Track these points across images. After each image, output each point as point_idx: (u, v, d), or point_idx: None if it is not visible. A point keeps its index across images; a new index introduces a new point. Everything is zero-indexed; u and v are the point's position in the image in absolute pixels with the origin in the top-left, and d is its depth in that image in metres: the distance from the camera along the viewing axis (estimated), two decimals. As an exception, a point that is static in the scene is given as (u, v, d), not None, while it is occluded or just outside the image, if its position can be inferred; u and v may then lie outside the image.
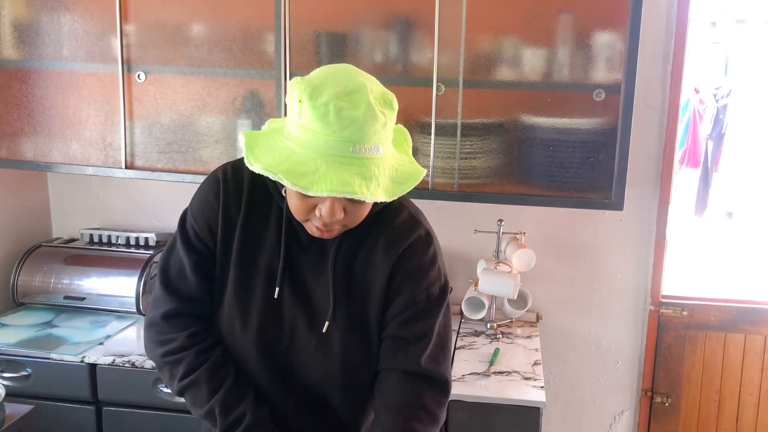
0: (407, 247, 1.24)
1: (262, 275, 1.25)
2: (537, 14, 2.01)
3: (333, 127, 1.04)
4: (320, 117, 1.04)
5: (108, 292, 2.42)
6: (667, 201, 2.41)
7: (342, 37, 2.10)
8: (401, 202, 1.28)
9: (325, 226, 1.15)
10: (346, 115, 1.04)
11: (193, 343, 1.25)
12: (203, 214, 1.26)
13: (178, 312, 1.27)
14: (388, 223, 1.25)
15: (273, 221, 1.25)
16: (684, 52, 2.31)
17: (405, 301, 1.25)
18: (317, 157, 1.05)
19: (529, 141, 2.09)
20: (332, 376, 1.27)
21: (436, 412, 1.25)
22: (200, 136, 2.24)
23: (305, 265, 1.25)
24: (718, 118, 6.23)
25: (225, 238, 1.25)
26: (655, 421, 2.55)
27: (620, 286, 2.50)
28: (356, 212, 1.15)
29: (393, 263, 1.24)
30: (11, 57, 2.31)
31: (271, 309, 1.25)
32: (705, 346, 2.51)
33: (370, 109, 1.06)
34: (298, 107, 1.07)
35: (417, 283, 1.25)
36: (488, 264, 2.37)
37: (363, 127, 1.05)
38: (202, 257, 1.26)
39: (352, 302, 1.25)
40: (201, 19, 2.17)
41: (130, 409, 2.13)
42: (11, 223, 2.60)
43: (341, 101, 1.05)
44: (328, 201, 1.10)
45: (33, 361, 2.13)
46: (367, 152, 1.06)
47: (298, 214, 1.16)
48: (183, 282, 1.26)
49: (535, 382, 2.03)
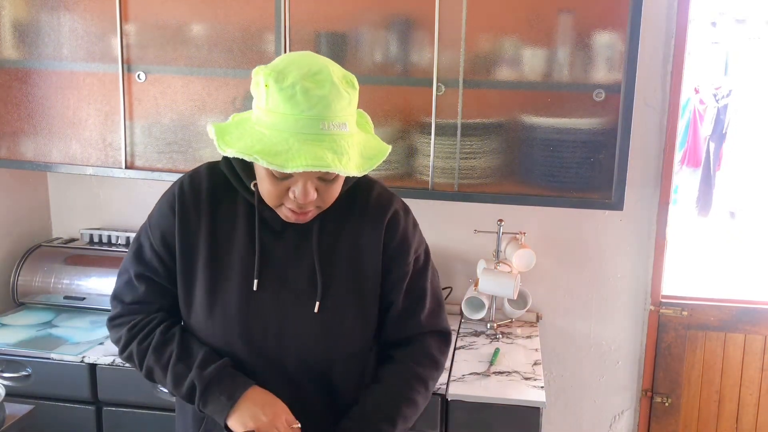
0: (391, 218, 1.30)
1: (236, 271, 1.27)
2: (537, 14, 2.01)
3: (301, 106, 1.09)
4: (288, 98, 1.09)
5: (108, 292, 2.39)
6: (667, 201, 2.41)
7: (342, 37, 2.10)
8: (369, 179, 1.34)
9: (299, 207, 1.18)
10: (312, 94, 1.09)
11: (134, 335, 1.31)
12: (159, 227, 1.31)
13: (120, 314, 1.34)
14: (366, 199, 1.31)
15: (241, 217, 1.28)
16: (684, 52, 2.31)
17: (399, 271, 1.31)
18: (289, 137, 1.09)
19: (529, 141, 2.09)
20: (329, 357, 1.28)
21: (438, 357, 1.35)
22: (200, 136, 2.24)
23: (283, 252, 1.27)
24: (718, 119, 6.23)
25: (185, 246, 1.28)
26: (655, 421, 2.55)
27: (620, 286, 2.50)
28: (329, 191, 1.19)
29: (383, 234, 1.29)
30: (11, 57, 2.31)
31: (252, 301, 1.26)
32: (705, 346, 2.50)
33: (334, 87, 1.11)
34: (264, 92, 1.12)
35: (407, 251, 1.32)
36: (488, 264, 2.37)
37: (330, 105, 1.10)
38: (149, 268, 1.31)
39: (342, 279, 1.28)
40: (201, 19, 2.17)
41: (130, 409, 2.13)
42: (11, 223, 2.60)
43: (307, 82, 1.09)
44: (301, 182, 1.14)
45: (33, 361, 2.14)
46: (335, 129, 1.11)
47: (272, 199, 1.19)
48: (128, 290, 1.33)
49: (535, 382, 2.03)
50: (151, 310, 1.34)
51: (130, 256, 1.34)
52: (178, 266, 1.30)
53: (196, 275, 1.29)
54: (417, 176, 2.16)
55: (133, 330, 1.32)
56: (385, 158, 1.21)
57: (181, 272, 1.30)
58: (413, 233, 1.34)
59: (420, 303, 1.34)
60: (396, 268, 1.31)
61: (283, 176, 1.15)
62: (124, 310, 1.34)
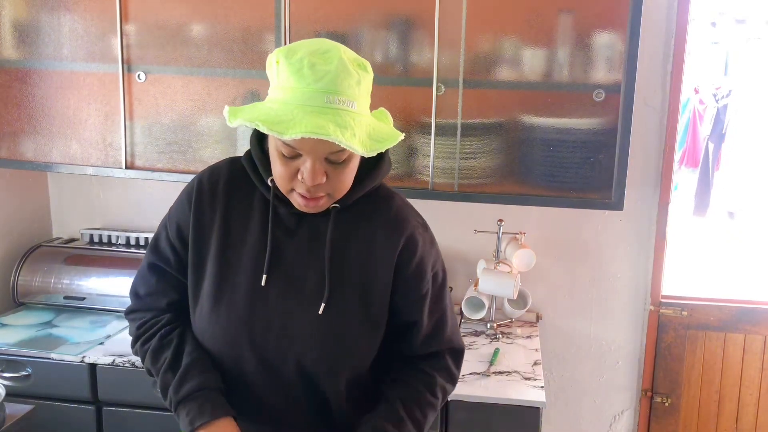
0: (410, 236, 1.28)
1: (247, 266, 1.27)
2: (537, 14, 2.01)
3: (308, 79, 1.11)
4: (295, 72, 1.11)
5: (108, 292, 2.43)
6: (667, 201, 2.41)
7: (342, 37, 2.10)
8: (389, 189, 1.34)
9: (309, 192, 1.18)
10: (319, 68, 1.11)
11: (139, 335, 1.35)
12: (176, 218, 1.32)
13: (134, 309, 1.38)
14: (386, 210, 1.29)
15: (256, 212, 1.28)
16: (684, 52, 2.31)
17: (420, 291, 1.30)
18: (294, 108, 1.11)
19: (529, 141, 2.09)
20: (328, 364, 1.26)
21: (455, 373, 1.37)
22: (200, 136, 2.24)
23: (295, 251, 1.27)
24: (718, 118, 6.23)
25: (198, 237, 1.29)
26: (655, 421, 2.55)
27: (620, 286, 2.50)
28: (338, 177, 1.18)
29: (399, 251, 1.27)
30: (11, 57, 2.31)
31: (259, 296, 1.25)
32: (705, 346, 2.51)
33: (342, 64, 1.12)
34: (276, 69, 1.15)
35: (426, 271, 1.30)
36: (488, 264, 2.37)
37: (335, 79, 1.11)
38: (162, 258, 1.33)
39: (350, 286, 1.26)
40: (201, 19, 2.17)
41: (130, 409, 2.13)
42: (11, 223, 2.60)
43: (315, 57, 1.12)
44: (309, 160, 1.14)
45: (33, 361, 2.14)
46: (341, 104, 1.12)
47: (283, 182, 1.19)
48: (142, 282, 1.37)
49: (535, 382, 2.03)
50: (161, 304, 1.34)
51: (149, 247, 1.37)
52: (189, 257, 1.30)
53: (206, 267, 1.28)
54: (417, 176, 2.16)
55: (140, 330, 1.34)
56: (395, 144, 1.19)
57: (192, 263, 1.30)
58: (430, 251, 1.32)
59: (442, 323, 1.34)
60: (416, 288, 1.30)
61: (292, 154, 1.15)
62: (138, 305, 1.37)
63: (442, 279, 1.35)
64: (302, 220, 1.26)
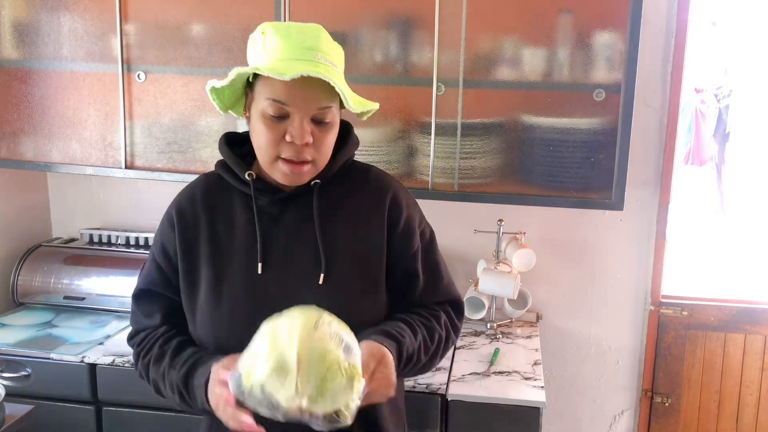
0: (394, 195, 1.35)
1: (240, 260, 1.29)
2: (537, 14, 2.01)
3: (295, 40, 1.20)
4: (284, 36, 1.21)
5: (108, 292, 2.43)
6: (667, 201, 2.41)
7: (342, 37, 2.10)
8: (364, 163, 1.41)
9: (296, 154, 1.21)
10: (306, 32, 1.22)
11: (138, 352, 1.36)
12: (160, 240, 1.36)
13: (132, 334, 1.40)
14: (364, 178, 1.36)
15: (239, 210, 1.31)
16: (684, 52, 2.31)
17: (413, 247, 1.35)
18: (286, 59, 1.19)
19: (529, 141, 2.09)
20: None
21: (457, 324, 1.41)
22: (200, 136, 2.24)
23: (285, 235, 1.30)
24: (720, 118, 6.23)
25: (186, 251, 1.32)
26: (655, 421, 2.55)
27: (620, 286, 2.50)
28: (322, 141, 1.23)
29: (387, 211, 1.32)
30: (11, 57, 2.31)
31: (258, 284, 1.27)
32: (705, 346, 2.50)
33: (325, 34, 1.25)
34: (261, 39, 1.23)
35: (414, 228, 1.36)
36: (488, 264, 2.37)
37: (319, 37, 1.23)
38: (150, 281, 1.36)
39: (345, 253, 1.29)
40: (201, 19, 2.17)
41: (130, 409, 2.13)
42: (11, 223, 2.60)
43: (300, 26, 1.24)
44: (297, 119, 1.19)
45: (33, 361, 2.14)
46: (327, 62, 1.21)
47: (269, 147, 1.22)
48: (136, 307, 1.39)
49: (535, 382, 2.03)
50: (156, 322, 1.35)
51: (138, 276, 1.40)
52: (180, 267, 1.31)
53: (200, 272, 1.30)
54: (417, 176, 2.16)
55: (138, 347, 1.36)
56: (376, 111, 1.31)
57: (184, 272, 1.31)
58: (415, 209, 1.39)
59: (437, 274, 1.39)
60: (408, 244, 1.34)
61: (280, 113, 1.19)
62: (137, 328, 1.39)
63: (429, 234, 1.41)
64: (286, 205, 1.30)
